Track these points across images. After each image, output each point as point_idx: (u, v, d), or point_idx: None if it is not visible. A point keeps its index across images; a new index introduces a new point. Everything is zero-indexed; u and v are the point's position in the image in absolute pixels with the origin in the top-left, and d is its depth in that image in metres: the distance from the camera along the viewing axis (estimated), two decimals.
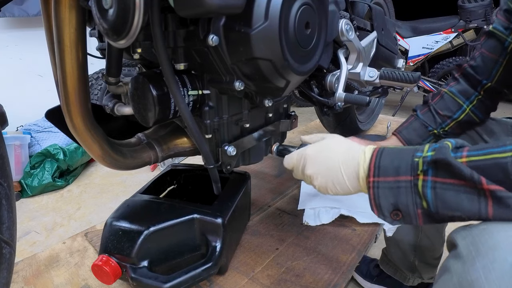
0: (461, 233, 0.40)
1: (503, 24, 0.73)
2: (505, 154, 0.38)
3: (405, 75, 0.73)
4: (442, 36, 2.84)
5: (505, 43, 0.72)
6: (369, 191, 0.46)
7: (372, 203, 0.46)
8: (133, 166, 0.60)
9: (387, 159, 0.46)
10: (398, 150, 0.46)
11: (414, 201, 0.43)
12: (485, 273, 0.34)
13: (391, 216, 0.45)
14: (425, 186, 0.41)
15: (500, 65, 0.74)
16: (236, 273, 0.68)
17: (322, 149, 0.55)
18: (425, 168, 0.42)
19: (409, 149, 0.45)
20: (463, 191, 0.39)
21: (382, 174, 0.45)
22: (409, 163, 0.43)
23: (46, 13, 0.51)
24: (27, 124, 2.27)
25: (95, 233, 0.83)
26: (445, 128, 0.79)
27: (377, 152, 0.48)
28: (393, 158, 0.45)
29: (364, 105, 0.71)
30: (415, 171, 0.42)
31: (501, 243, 0.35)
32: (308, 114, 3.29)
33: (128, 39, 0.42)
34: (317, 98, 0.81)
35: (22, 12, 2.31)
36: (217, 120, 0.59)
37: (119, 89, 0.61)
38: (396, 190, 0.44)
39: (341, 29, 0.71)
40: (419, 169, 0.42)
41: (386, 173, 0.45)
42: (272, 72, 0.51)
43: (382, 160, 0.46)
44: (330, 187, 0.52)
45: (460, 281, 0.36)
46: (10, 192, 0.48)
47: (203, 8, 0.40)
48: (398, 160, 0.44)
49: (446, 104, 0.79)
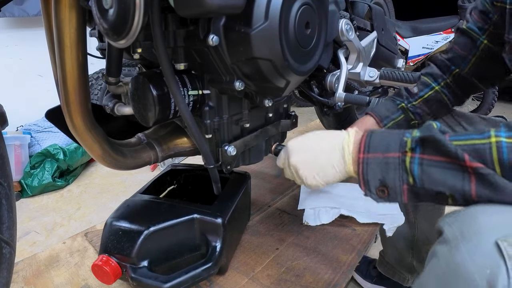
0: (447, 220, 0.41)
1: (477, 24, 0.75)
2: (484, 141, 0.40)
3: (405, 75, 0.73)
4: (442, 36, 2.84)
5: (477, 42, 0.75)
6: (358, 167, 0.48)
7: (360, 179, 0.48)
8: (133, 166, 0.60)
9: (377, 138, 0.48)
10: (388, 131, 0.49)
11: (401, 177, 0.44)
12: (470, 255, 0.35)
13: (377, 193, 0.47)
14: (412, 162, 0.43)
15: (468, 62, 0.77)
16: (236, 273, 0.68)
17: (303, 139, 0.57)
18: (413, 146, 0.44)
19: (399, 131, 0.47)
20: (448, 167, 0.41)
21: (372, 150, 0.47)
22: (398, 141, 0.45)
23: (46, 13, 0.51)
24: (27, 124, 2.27)
25: (95, 233, 0.83)
26: (413, 102, 0.80)
27: (367, 133, 0.49)
28: (383, 137, 0.47)
29: (364, 105, 0.71)
30: (403, 148, 0.44)
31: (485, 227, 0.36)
32: (308, 114, 3.29)
33: (128, 39, 0.42)
34: (317, 98, 0.81)
35: (22, 12, 2.31)
36: (217, 120, 0.59)
37: (119, 89, 0.61)
38: (384, 165, 0.45)
39: (341, 29, 0.71)
40: (408, 147, 0.44)
41: (376, 149, 0.47)
42: (272, 72, 0.51)
43: (373, 139, 0.48)
44: (317, 174, 0.53)
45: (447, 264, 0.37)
46: (10, 192, 0.48)
47: (203, 8, 0.40)
48: (388, 139, 0.47)
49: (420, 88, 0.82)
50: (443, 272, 0.38)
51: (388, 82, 0.77)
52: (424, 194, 0.44)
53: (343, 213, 0.82)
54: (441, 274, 0.38)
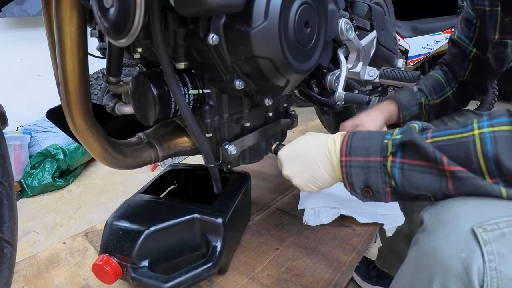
0: (428, 210, 0.42)
1: (464, 33, 0.77)
2: (466, 134, 0.40)
3: (405, 74, 0.73)
4: (442, 36, 2.84)
5: (467, 51, 0.77)
6: (341, 169, 0.49)
7: (345, 181, 0.49)
8: (133, 166, 0.60)
9: (358, 140, 0.48)
10: (369, 132, 0.49)
11: (383, 180, 0.45)
12: (446, 239, 0.37)
13: (363, 193, 0.48)
14: (393, 166, 0.44)
15: (465, 69, 0.80)
16: (236, 273, 0.68)
17: (293, 148, 0.57)
18: (394, 150, 0.44)
19: (379, 132, 0.48)
20: (427, 171, 0.42)
21: (353, 154, 0.48)
22: (379, 144, 0.46)
23: (47, 12, 0.51)
24: (27, 124, 2.27)
25: (95, 233, 0.83)
26: (431, 101, 0.82)
27: (348, 135, 0.50)
28: (363, 139, 0.48)
29: (364, 104, 0.71)
30: (385, 153, 0.45)
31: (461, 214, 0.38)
32: (308, 114, 3.29)
33: (129, 38, 0.42)
34: (317, 97, 0.81)
35: (22, 12, 2.31)
36: (218, 119, 0.59)
37: (120, 89, 0.61)
38: (366, 169, 0.46)
39: (341, 29, 0.71)
40: (388, 151, 0.44)
41: (357, 153, 0.47)
42: (272, 71, 0.51)
43: (354, 141, 0.48)
44: (310, 182, 0.54)
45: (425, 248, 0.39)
46: (11, 192, 0.48)
47: (203, 7, 0.40)
48: (368, 141, 0.47)
49: (434, 82, 0.84)
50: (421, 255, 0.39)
51: (388, 81, 0.77)
52: (406, 196, 0.45)
53: (343, 213, 0.82)
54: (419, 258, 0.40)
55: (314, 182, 0.54)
